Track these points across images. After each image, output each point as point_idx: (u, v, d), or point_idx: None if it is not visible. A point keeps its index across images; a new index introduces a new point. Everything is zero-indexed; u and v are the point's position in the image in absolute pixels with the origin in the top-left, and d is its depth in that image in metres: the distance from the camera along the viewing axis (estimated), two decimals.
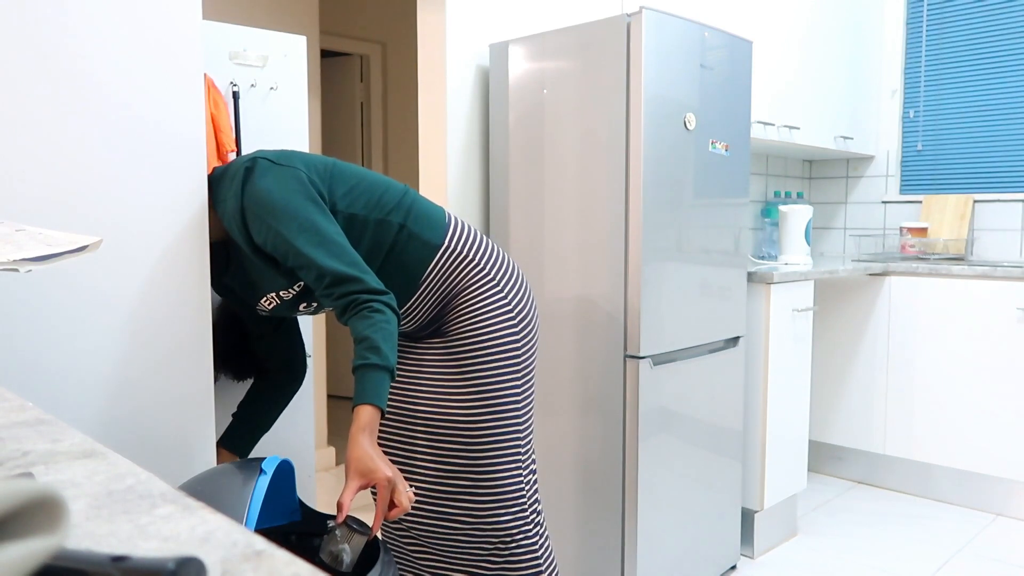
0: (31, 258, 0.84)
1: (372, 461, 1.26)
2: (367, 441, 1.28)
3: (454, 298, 1.58)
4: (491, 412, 1.56)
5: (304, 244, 1.36)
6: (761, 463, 2.66)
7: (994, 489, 3.10)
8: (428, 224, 1.56)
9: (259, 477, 1.32)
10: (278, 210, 1.38)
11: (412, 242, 1.53)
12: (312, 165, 1.48)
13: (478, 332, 1.56)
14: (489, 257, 1.61)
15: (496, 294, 1.58)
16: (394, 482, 1.27)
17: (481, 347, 1.57)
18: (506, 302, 1.59)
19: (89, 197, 1.46)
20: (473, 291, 1.57)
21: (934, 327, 3.19)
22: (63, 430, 0.70)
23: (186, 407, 1.59)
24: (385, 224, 1.51)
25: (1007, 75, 3.52)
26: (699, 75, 2.24)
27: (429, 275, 1.55)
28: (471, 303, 1.57)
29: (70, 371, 1.44)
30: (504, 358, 1.57)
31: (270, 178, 1.41)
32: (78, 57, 1.43)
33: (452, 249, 1.57)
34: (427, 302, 1.58)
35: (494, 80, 2.45)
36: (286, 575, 0.41)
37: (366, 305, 1.34)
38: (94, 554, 0.39)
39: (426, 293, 1.57)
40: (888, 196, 3.86)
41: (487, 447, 1.57)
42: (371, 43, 4.78)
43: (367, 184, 1.53)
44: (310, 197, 1.41)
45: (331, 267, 1.35)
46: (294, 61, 2.43)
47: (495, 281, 1.59)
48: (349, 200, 1.49)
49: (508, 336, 1.58)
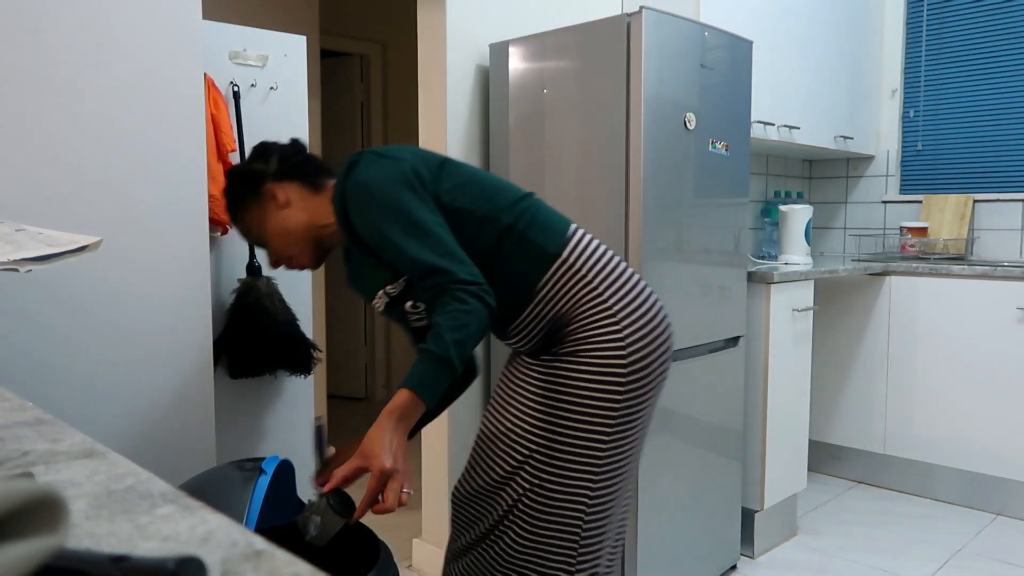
0: (31, 258, 0.84)
1: (377, 445, 1.17)
2: (389, 424, 1.19)
3: (567, 324, 1.40)
4: (559, 462, 1.38)
5: (397, 233, 1.29)
6: (761, 463, 2.66)
7: (994, 489, 3.10)
8: (544, 230, 1.42)
9: (259, 477, 1.32)
10: (375, 198, 1.32)
11: (523, 247, 1.40)
12: (419, 156, 1.41)
13: (573, 366, 1.39)
14: (608, 278, 1.41)
15: (609, 328, 1.38)
16: (388, 475, 1.16)
17: (572, 385, 1.38)
18: (619, 337, 1.38)
19: (89, 197, 1.46)
20: (583, 317, 1.39)
21: (934, 327, 3.19)
22: (63, 430, 0.70)
23: (186, 407, 1.59)
24: (492, 222, 1.40)
25: (1007, 75, 3.52)
26: (699, 75, 2.24)
27: (544, 288, 1.40)
28: (577, 330, 1.39)
29: (70, 371, 1.44)
30: (595, 407, 1.37)
31: (372, 169, 1.36)
32: (78, 57, 1.43)
33: (569, 263, 1.41)
34: (539, 319, 1.42)
35: (494, 80, 2.45)
36: (286, 575, 0.41)
37: (448, 293, 1.24)
38: (94, 554, 0.39)
39: (539, 309, 1.41)
40: (888, 196, 3.86)
41: (539, 496, 1.40)
42: (371, 43, 4.78)
43: (478, 181, 1.43)
44: (409, 186, 1.34)
45: (423, 258, 1.27)
46: (294, 61, 2.43)
47: (611, 311, 1.39)
48: (454, 195, 1.39)
49: (608, 380, 1.37)
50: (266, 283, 2.26)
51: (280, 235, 1.47)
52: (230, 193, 1.52)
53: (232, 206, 1.52)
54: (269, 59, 2.38)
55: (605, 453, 1.39)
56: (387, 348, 5.05)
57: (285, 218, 1.47)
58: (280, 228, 1.47)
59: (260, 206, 1.48)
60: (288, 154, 1.52)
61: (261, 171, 1.49)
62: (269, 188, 1.47)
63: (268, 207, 1.47)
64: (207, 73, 2.17)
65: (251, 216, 1.49)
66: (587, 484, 1.39)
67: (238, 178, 1.51)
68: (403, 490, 1.18)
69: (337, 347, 4.96)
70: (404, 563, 2.62)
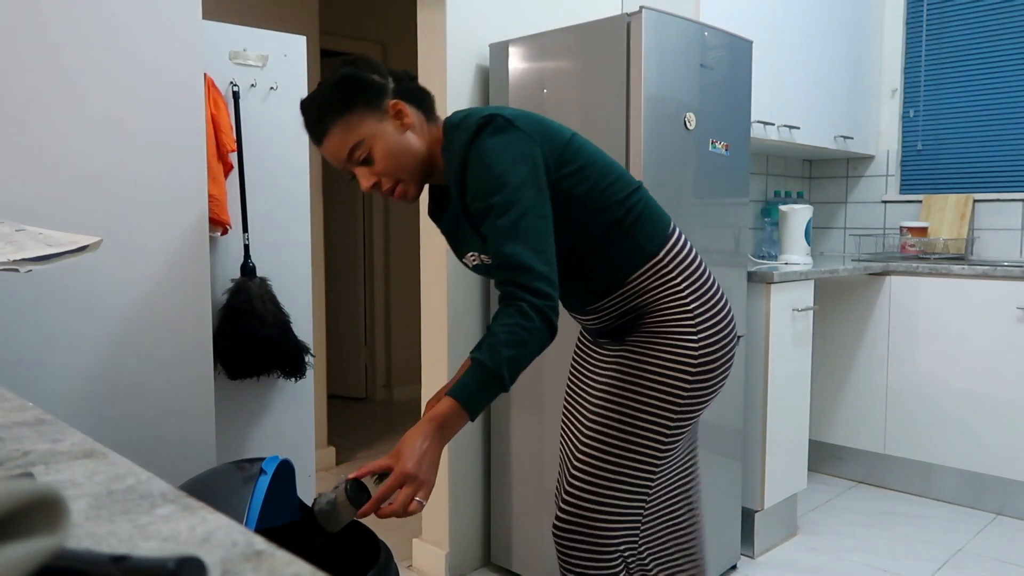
0: (31, 258, 0.84)
1: (408, 447, 1.16)
2: (427, 430, 1.18)
3: (645, 315, 1.45)
4: (620, 445, 1.43)
5: (499, 215, 1.26)
6: (761, 463, 2.66)
7: (994, 489, 3.10)
8: (649, 228, 1.44)
9: (259, 477, 1.32)
10: (494, 174, 1.28)
11: (626, 241, 1.42)
12: (547, 135, 1.37)
13: (648, 360, 1.43)
14: (693, 284, 1.45)
15: (686, 330, 1.42)
16: (407, 479, 1.14)
17: (644, 377, 1.43)
18: (692, 339, 1.42)
19: (89, 197, 1.46)
20: (662, 315, 1.43)
21: (934, 327, 3.19)
22: (63, 430, 0.70)
23: (186, 407, 1.59)
24: (603, 215, 1.40)
25: (1007, 75, 3.52)
26: (699, 75, 2.24)
27: (633, 281, 1.44)
28: (654, 326, 1.44)
29: (70, 371, 1.44)
30: (663, 401, 1.42)
31: (500, 139, 1.30)
32: (78, 57, 1.43)
33: (662, 263, 1.44)
34: (620, 307, 1.46)
35: (494, 80, 2.45)
36: (286, 575, 0.41)
37: (519, 302, 1.22)
38: (94, 554, 0.39)
39: (623, 298, 1.45)
40: (888, 196, 3.86)
41: (596, 474, 1.45)
42: (371, 43, 4.78)
43: (598, 168, 1.41)
44: (532, 168, 1.30)
45: (511, 250, 1.24)
46: (294, 61, 2.43)
47: (690, 314, 1.43)
48: (574, 181, 1.38)
49: (678, 379, 1.42)
50: (259, 284, 2.25)
51: (396, 157, 1.36)
52: (336, 94, 1.35)
53: (335, 111, 1.34)
54: (269, 59, 2.38)
55: (658, 451, 1.44)
56: (387, 348, 5.05)
57: (408, 140, 1.37)
58: (400, 150, 1.36)
59: (379, 120, 1.35)
60: (401, 77, 1.42)
61: (382, 84, 1.37)
62: (396, 104, 1.36)
63: (389, 124, 1.36)
64: (207, 73, 2.17)
65: (364, 127, 1.34)
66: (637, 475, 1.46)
67: (353, 82, 1.35)
68: (416, 498, 1.15)
69: (337, 347, 4.96)
70: (404, 563, 2.62)
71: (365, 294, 5.05)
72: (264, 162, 2.37)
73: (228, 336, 2.17)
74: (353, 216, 4.99)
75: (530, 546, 2.46)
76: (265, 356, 2.21)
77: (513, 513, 2.50)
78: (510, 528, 2.52)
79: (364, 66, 1.38)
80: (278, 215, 2.40)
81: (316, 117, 1.36)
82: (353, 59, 1.40)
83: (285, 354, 2.26)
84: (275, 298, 2.27)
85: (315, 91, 1.38)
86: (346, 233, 5.00)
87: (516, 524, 2.50)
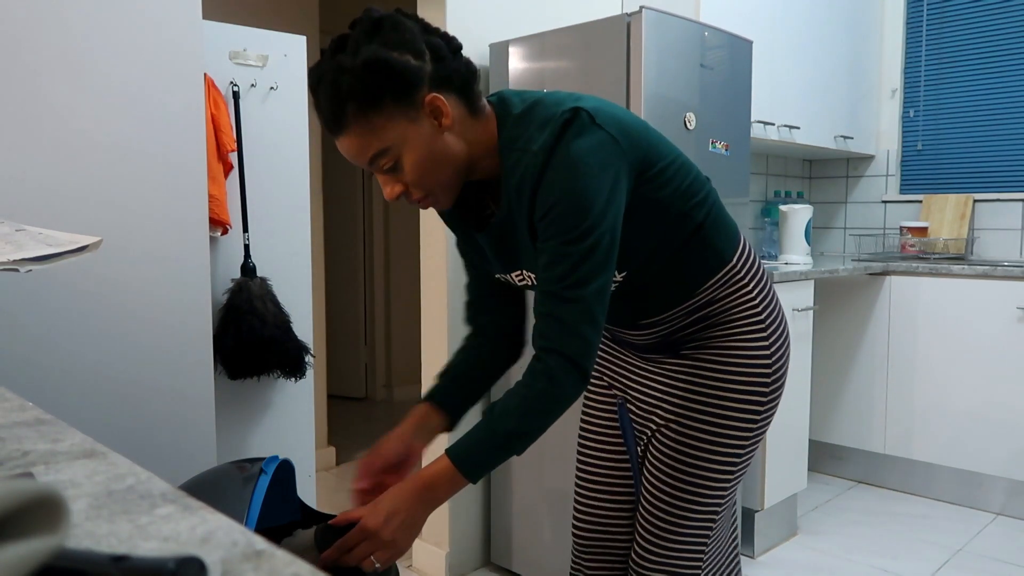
0: (31, 258, 0.84)
1: (385, 506, 1.08)
2: (412, 494, 1.09)
3: (713, 327, 1.31)
4: (697, 468, 1.32)
5: (575, 241, 1.07)
6: (761, 463, 2.66)
7: (994, 489, 3.10)
8: (724, 233, 1.29)
9: (259, 477, 1.32)
10: (577, 190, 1.07)
11: (702, 248, 1.25)
12: (630, 133, 1.15)
13: (725, 374, 1.30)
14: (763, 290, 1.33)
15: (759, 340, 1.30)
16: (370, 536, 1.06)
17: (722, 392, 1.30)
18: (766, 349, 1.30)
19: (89, 197, 1.46)
20: (732, 326, 1.30)
21: (934, 327, 3.19)
22: (63, 430, 0.70)
23: (186, 407, 1.59)
24: (685, 220, 1.22)
25: (1007, 75, 3.52)
26: (699, 75, 2.24)
27: (706, 290, 1.28)
28: (727, 339, 1.30)
29: (70, 371, 1.44)
30: (741, 418, 1.30)
31: (586, 142, 1.09)
32: (78, 57, 1.43)
33: (736, 269, 1.30)
34: (683, 320, 1.31)
35: (494, 80, 2.45)
36: (286, 575, 0.41)
37: (547, 359, 1.08)
38: (94, 554, 0.39)
39: (689, 309, 1.29)
40: (888, 196, 3.86)
41: (677, 495, 1.34)
42: None
43: (678, 165, 1.22)
44: (616, 179, 1.11)
45: (566, 281, 1.08)
46: (294, 61, 2.44)
47: (762, 323, 1.31)
48: (659, 183, 1.19)
49: (757, 391, 1.30)
50: (259, 284, 2.25)
51: (430, 167, 1.11)
52: (359, 82, 1.04)
53: (356, 105, 1.05)
54: (269, 59, 2.38)
55: (735, 468, 1.34)
56: (387, 348, 5.05)
57: (446, 145, 1.11)
58: (436, 158, 1.11)
59: (411, 118, 1.08)
60: (441, 51, 1.11)
61: (417, 69, 1.07)
62: (433, 99, 1.08)
63: (424, 123, 1.09)
64: (207, 73, 2.17)
65: (391, 131, 1.07)
66: (715, 494, 1.34)
67: (382, 69, 1.04)
68: (373, 556, 1.06)
69: (337, 347, 4.96)
70: (404, 563, 2.62)
71: (365, 294, 5.05)
72: (264, 162, 2.37)
73: (228, 336, 2.17)
74: (353, 216, 4.99)
75: (530, 546, 2.46)
76: (265, 356, 2.22)
77: (513, 513, 2.51)
78: (510, 528, 2.52)
79: (396, 41, 1.06)
80: (278, 215, 2.40)
81: (330, 108, 1.07)
82: (380, 20, 1.07)
83: (285, 354, 2.26)
84: (275, 298, 2.28)
85: (329, 65, 1.07)
86: (346, 233, 5.00)
87: (516, 524, 2.50)
